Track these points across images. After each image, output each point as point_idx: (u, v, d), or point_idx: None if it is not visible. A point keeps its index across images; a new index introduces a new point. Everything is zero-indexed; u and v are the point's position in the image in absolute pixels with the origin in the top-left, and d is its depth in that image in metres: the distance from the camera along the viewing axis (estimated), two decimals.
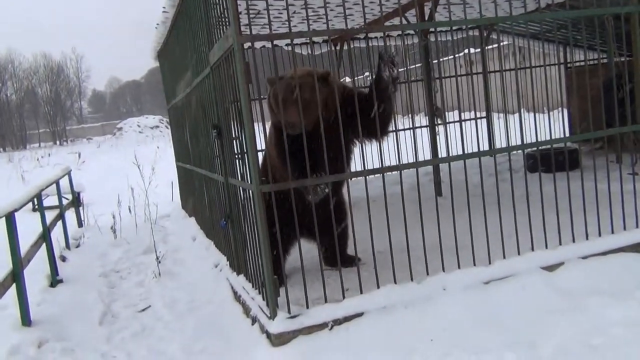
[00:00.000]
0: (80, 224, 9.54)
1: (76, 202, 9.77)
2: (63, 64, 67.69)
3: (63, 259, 7.05)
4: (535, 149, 4.74)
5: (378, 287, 3.93)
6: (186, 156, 7.79)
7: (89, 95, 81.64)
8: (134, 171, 8.75)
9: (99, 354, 4.35)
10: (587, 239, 4.43)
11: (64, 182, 9.04)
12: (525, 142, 4.37)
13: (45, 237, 6.06)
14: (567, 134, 10.08)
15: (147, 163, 9.47)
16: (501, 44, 8.85)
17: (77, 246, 8.06)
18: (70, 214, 8.99)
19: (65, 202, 8.83)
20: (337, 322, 3.67)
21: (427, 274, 4.04)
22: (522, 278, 3.98)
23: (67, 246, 7.70)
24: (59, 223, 7.63)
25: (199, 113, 5.71)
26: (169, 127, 15.75)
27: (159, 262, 6.42)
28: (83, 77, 71.50)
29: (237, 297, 4.69)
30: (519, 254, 4.25)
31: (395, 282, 3.96)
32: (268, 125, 4.61)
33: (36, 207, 8.74)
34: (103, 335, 4.73)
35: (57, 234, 7.16)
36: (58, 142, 57.55)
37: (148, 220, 8.73)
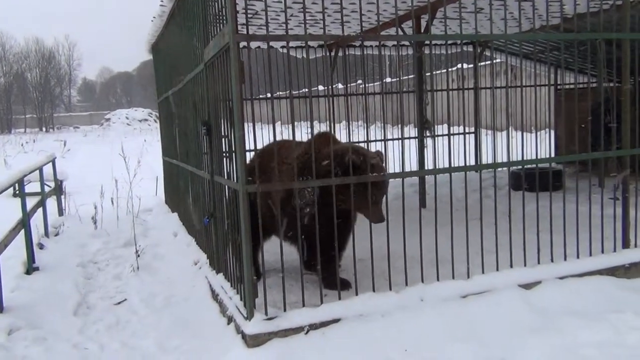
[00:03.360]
0: (61, 212, 9.43)
1: (58, 190, 9.66)
2: (55, 51, 67.25)
3: (41, 246, 6.97)
4: (520, 167, 4.79)
5: (357, 294, 3.94)
6: (173, 151, 7.76)
7: (79, 84, 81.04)
8: (119, 163, 8.68)
9: (71, 344, 4.30)
10: (565, 259, 4.48)
11: (48, 170, 8.94)
12: (511, 160, 4.41)
13: (24, 223, 5.98)
14: (553, 155, 10.21)
15: (133, 156, 9.40)
16: (494, 61, 8.94)
17: (57, 235, 7.97)
18: (51, 202, 8.89)
19: (47, 189, 8.73)
20: (314, 326, 3.67)
21: (406, 284, 4.06)
22: (499, 294, 4.02)
23: (46, 234, 7.61)
24: (40, 210, 7.54)
25: (190, 109, 5.69)
26: (157, 121, 15.67)
27: (139, 255, 6.37)
28: (74, 65, 71.09)
29: (214, 295, 4.67)
30: (497, 270, 4.29)
31: (373, 291, 3.97)
32: (258, 126, 4.60)
33: (17, 192, 8.65)
34: (77, 326, 4.67)
35: (36, 221, 7.07)
36: (44, 129, 56.97)
37: (130, 213, 8.66)
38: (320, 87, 14.47)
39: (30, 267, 5.96)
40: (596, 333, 3.67)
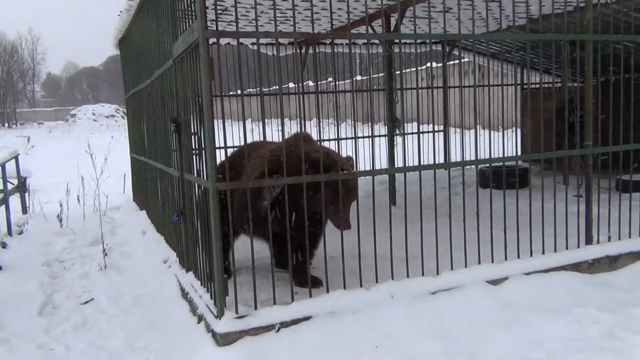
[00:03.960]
0: (24, 210, 9.20)
1: (22, 187, 9.42)
2: (17, 44, 65.34)
3: (4, 245, 6.79)
4: (488, 165, 4.87)
5: (327, 291, 3.95)
6: (142, 148, 7.64)
7: (43, 79, 78.98)
8: (85, 160, 8.49)
9: (36, 345, 4.20)
10: (531, 255, 4.58)
11: (10, 166, 8.70)
12: (479, 158, 4.49)
13: None
14: (519, 153, 10.42)
15: (100, 152, 9.20)
16: (462, 60, 9.06)
17: (20, 233, 7.78)
18: (14, 200, 8.66)
19: (10, 186, 8.51)
20: (285, 324, 3.67)
21: (377, 281, 4.09)
22: (467, 290, 4.08)
23: (9, 233, 7.42)
24: (2, 208, 7.35)
25: (158, 105, 5.61)
26: (125, 117, 15.40)
27: (106, 254, 6.26)
28: (38, 59, 69.19)
29: (184, 294, 4.63)
30: (466, 266, 4.36)
31: (344, 288, 3.99)
32: (228, 123, 4.57)
33: None
34: (42, 326, 4.57)
35: None
36: (7, 125, 55.39)
37: (97, 211, 8.50)
38: (291, 85, 14.46)
39: None
40: (561, 327, 3.77)
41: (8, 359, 3.96)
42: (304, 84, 12.72)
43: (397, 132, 7.43)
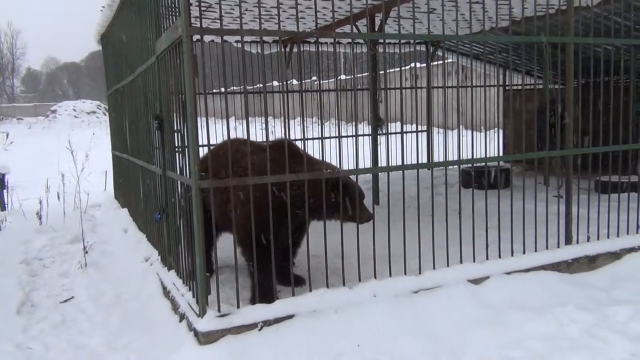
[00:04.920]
0: (3, 207, 9.07)
1: (0, 184, 9.28)
2: None
3: None
4: (470, 165, 4.91)
5: (310, 290, 3.95)
6: (123, 145, 7.56)
7: (22, 74, 77.73)
8: (66, 157, 8.37)
9: (14, 344, 4.14)
10: (512, 255, 4.63)
11: None
12: (461, 158, 4.52)
13: None
14: (502, 154, 10.52)
15: (81, 149, 9.08)
16: (446, 61, 9.13)
17: None
18: None
19: None
20: (267, 323, 3.66)
21: (359, 280, 4.10)
22: (449, 289, 4.11)
23: None
24: None
25: (141, 102, 5.56)
26: (107, 113, 15.21)
27: (86, 252, 6.19)
28: (18, 53, 68.15)
29: (166, 292, 4.59)
30: (448, 265, 4.39)
31: (327, 287, 3.99)
32: (211, 121, 4.54)
33: None
34: (20, 325, 4.50)
35: None
36: None
37: (77, 209, 8.40)
38: (275, 83, 14.41)
39: None
40: (541, 326, 3.81)
41: None
42: (288, 82, 12.68)
43: (381, 132, 7.46)
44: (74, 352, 4.05)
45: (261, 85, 7.82)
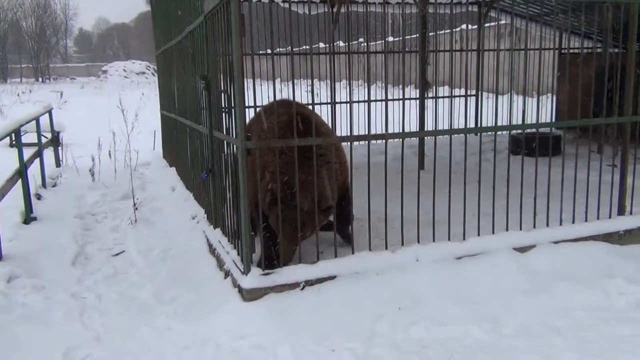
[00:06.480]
0: (58, 163, 9.41)
1: (55, 141, 9.62)
2: None
3: (38, 197, 6.98)
4: (520, 131, 4.76)
5: (353, 252, 3.98)
6: (171, 105, 7.68)
7: (75, 34, 79.57)
8: (116, 116, 8.58)
9: (69, 293, 4.35)
10: (560, 224, 4.52)
11: (44, 120, 8.87)
12: (512, 124, 4.39)
13: (21, 173, 5.97)
14: (554, 120, 10.16)
15: (130, 109, 9.28)
16: (499, 23, 8.79)
17: (54, 186, 7.98)
18: (48, 153, 8.86)
19: (44, 140, 8.69)
20: (309, 282, 3.72)
21: (402, 244, 4.10)
22: (493, 256, 4.06)
23: (44, 185, 7.61)
24: (37, 161, 7.52)
25: (189, 63, 5.60)
26: (155, 74, 15.46)
27: (136, 208, 6.39)
28: (70, 14, 69.60)
29: (212, 250, 4.71)
30: (493, 232, 4.32)
31: (370, 250, 4.01)
32: (257, 82, 4.55)
33: (14, 142, 8.60)
34: (75, 276, 4.73)
35: (33, 172, 7.06)
36: (40, 79, 56.25)
37: (128, 167, 8.64)
38: (322, 45, 14.25)
39: (28, 217, 5.99)
40: (587, 297, 3.73)
41: (43, 305, 4.11)
42: (335, 44, 12.52)
43: (429, 96, 7.31)
44: (125, 303, 4.23)
45: (308, 46, 7.76)
